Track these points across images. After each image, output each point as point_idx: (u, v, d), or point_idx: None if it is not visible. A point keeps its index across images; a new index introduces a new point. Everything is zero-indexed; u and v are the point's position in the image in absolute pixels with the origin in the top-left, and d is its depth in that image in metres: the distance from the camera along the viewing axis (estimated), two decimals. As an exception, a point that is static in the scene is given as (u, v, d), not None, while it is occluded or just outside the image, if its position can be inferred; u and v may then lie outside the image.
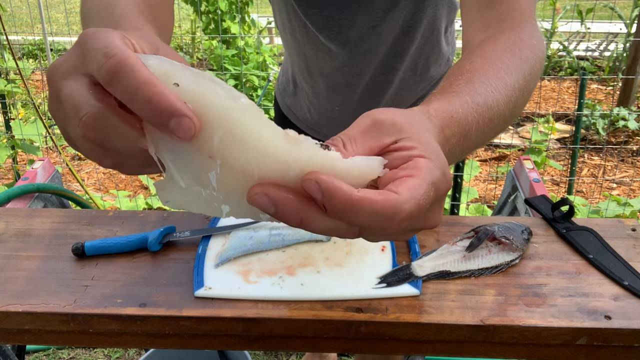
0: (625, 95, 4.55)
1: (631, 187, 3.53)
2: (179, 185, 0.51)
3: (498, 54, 0.70)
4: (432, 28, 1.18)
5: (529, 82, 0.71)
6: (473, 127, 0.61)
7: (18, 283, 1.01)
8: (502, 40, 0.73)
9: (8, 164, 3.54)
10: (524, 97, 0.71)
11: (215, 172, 0.49)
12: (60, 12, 8.50)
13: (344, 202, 0.45)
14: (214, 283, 0.99)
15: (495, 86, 0.65)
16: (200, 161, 0.49)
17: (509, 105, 0.66)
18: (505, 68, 0.68)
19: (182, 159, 0.50)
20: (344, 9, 1.11)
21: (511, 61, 0.70)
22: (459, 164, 2.69)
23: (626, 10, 5.84)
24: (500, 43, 0.73)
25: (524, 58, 0.71)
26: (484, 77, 0.65)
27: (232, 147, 0.49)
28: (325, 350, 0.96)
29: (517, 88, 0.68)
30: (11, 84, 3.81)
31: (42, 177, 1.58)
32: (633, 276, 1.00)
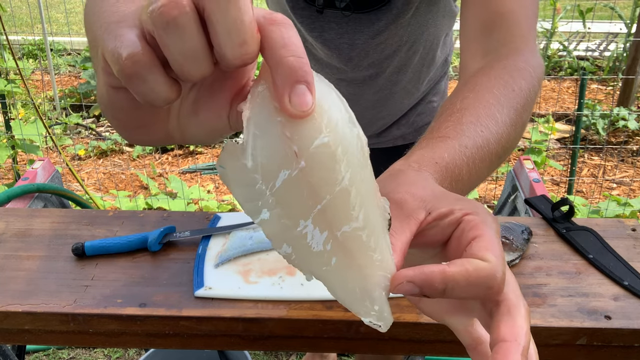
0: (625, 95, 4.55)
1: (631, 187, 3.53)
2: (243, 162, 0.43)
3: (490, 88, 0.69)
4: (432, 38, 1.16)
5: (521, 114, 0.70)
6: (463, 169, 0.60)
7: (18, 283, 1.01)
8: (497, 71, 0.72)
9: (8, 164, 3.55)
10: (516, 131, 0.69)
11: (290, 172, 0.41)
12: (60, 12, 8.50)
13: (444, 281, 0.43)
14: (214, 283, 0.99)
15: (485, 125, 0.64)
16: (282, 152, 0.41)
17: (500, 142, 0.65)
18: (496, 104, 0.67)
19: (266, 139, 0.42)
20: (343, 33, 1.09)
21: (503, 95, 0.68)
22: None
23: (626, 11, 5.84)
24: (494, 74, 0.72)
25: (517, 90, 0.70)
26: (473, 117, 0.64)
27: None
28: (325, 350, 0.96)
29: (508, 124, 0.67)
30: (11, 84, 3.81)
31: (42, 177, 1.58)
32: (633, 276, 1.00)
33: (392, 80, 1.17)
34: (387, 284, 0.47)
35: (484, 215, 0.47)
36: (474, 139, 0.62)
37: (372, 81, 1.15)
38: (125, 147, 4.19)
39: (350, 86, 1.17)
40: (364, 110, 1.22)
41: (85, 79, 4.88)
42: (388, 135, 1.26)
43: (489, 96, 0.67)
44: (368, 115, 1.22)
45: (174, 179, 3.36)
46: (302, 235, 0.44)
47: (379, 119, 1.23)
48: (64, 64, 6.02)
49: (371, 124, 1.24)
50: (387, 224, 0.47)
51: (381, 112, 1.23)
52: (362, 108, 1.22)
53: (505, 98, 0.68)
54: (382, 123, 1.25)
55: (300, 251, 0.46)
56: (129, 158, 4.08)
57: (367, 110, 1.21)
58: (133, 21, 0.39)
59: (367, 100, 1.19)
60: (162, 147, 4.14)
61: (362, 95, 1.18)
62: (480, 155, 0.62)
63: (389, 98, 1.20)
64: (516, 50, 0.75)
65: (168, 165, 4.01)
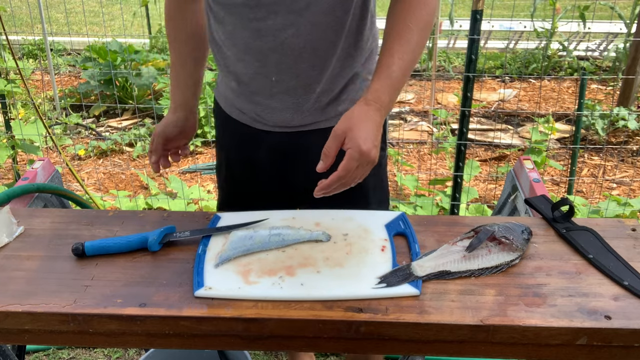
0: (625, 95, 4.55)
1: (631, 187, 3.53)
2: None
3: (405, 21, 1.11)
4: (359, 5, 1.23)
5: (424, 29, 1.13)
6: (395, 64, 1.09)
7: (18, 283, 1.01)
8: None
9: (8, 164, 3.54)
10: (421, 38, 1.13)
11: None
12: (60, 12, 8.50)
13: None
14: (214, 283, 0.99)
15: (407, 46, 1.11)
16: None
17: (415, 52, 1.12)
18: (408, 35, 1.10)
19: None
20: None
21: (413, 25, 1.11)
22: (458, 163, 2.69)
23: (626, 11, 5.84)
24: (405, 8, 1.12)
25: (422, 13, 1.12)
26: (396, 43, 1.10)
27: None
28: (325, 350, 0.96)
29: (417, 41, 1.12)
30: (11, 84, 3.81)
31: (42, 177, 1.58)
32: (633, 276, 1.00)
33: (328, 40, 1.21)
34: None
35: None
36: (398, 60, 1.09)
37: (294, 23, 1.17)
38: (125, 147, 4.19)
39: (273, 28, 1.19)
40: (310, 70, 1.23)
41: (85, 79, 4.89)
42: (332, 111, 1.29)
43: (404, 31, 1.11)
44: (312, 75, 1.24)
45: (174, 179, 3.36)
46: None
47: (317, 89, 1.26)
48: (64, 64, 6.02)
49: (313, 89, 1.25)
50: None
51: (320, 78, 1.24)
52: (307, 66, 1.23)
53: (415, 24, 1.11)
54: (323, 90, 1.26)
55: None
56: (129, 158, 4.08)
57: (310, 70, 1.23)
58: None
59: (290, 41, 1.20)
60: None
61: (284, 32, 1.19)
62: (402, 55, 1.09)
63: (326, 63, 1.22)
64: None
65: (168, 165, 4.01)
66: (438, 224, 1.18)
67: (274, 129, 1.31)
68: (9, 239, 1.13)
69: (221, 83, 1.39)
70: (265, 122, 1.30)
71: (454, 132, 4.29)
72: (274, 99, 1.26)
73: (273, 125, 1.30)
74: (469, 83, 2.57)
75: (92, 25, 8.10)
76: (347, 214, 1.20)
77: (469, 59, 2.56)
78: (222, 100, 1.39)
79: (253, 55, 1.22)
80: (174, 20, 1.40)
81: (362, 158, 1.02)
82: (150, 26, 6.52)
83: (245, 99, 1.30)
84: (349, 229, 1.14)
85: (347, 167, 1.02)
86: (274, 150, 1.34)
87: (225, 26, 1.24)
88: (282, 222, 1.16)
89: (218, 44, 1.29)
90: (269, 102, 1.27)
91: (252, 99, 1.29)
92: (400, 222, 1.16)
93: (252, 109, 1.30)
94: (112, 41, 5.11)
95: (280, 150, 1.33)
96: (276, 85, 1.24)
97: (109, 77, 4.71)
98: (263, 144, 1.34)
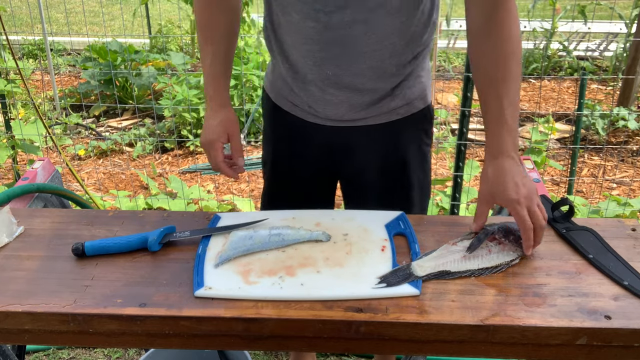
0: (625, 95, 4.54)
1: (631, 187, 3.53)
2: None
3: (502, 64, 1.12)
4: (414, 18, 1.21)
5: (520, 59, 1.14)
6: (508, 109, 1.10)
7: (18, 283, 1.01)
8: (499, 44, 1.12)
9: (8, 164, 3.54)
10: (520, 68, 1.14)
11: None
12: (60, 12, 8.50)
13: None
14: (214, 283, 0.99)
15: (511, 83, 1.11)
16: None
17: (518, 82, 1.13)
18: (508, 73, 1.11)
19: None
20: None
21: (510, 61, 1.12)
22: (458, 163, 2.70)
23: (626, 11, 5.84)
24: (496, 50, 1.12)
25: (516, 41, 1.12)
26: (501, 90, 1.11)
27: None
28: (325, 350, 0.96)
29: (519, 72, 1.13)
30: (11, 84, 3.80)
31: (42, 177, 1.57)
32: (633, 276, 1.00)
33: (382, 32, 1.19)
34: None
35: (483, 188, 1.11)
36: (508, 99, 1.10)
37: (361, 23, 1.17)
38: (125, 147, 4.19)
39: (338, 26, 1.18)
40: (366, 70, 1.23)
41: (85, 79, 4.88)
42: (384, 107, 1.28)
43: (502, 72, 1.11)
44: (360, 67, 1.23)
45: (174, 179, 3.36)
46: None
47: (373, 88, 1.26)
48: (64, 64, 6.02)
49: (367, 87, 1.25)
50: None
51: (369, 61, 1.22)
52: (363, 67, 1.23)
53: (512, 60, 1.11)
54: (377, 88, 1.26)
55: None
56: (129, 158, 4.08)
57: (365, 66, 1.23)
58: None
59: (360, 51, 1.20)
60: (162, 147, 4.14)
61: (350, 29, 1.18)
62: (509, 98, 1.11)
63: (381, 51, 1.21)
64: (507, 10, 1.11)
65: (168, 165, 4.01)
66: (438, 224, 1.18)
67: (325, 123, 1.30)
68: (9, 239, 1.13)
69: (272, 72, 1.36)
70: (317, 114, 1.30)
71: (454, 132, 4.29)
72: (326, 92, 1.25)
73: (325, 118, 1.30)
74: (469, 83, 2.57)
75: (92, 25, 8.10)
76: (347, 214, 1.20)
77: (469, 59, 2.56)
78: (272, 91, 1.37)
79: (314, 45, 1.20)
80: (212, 6, 1.28)
81: (521, 203, 1.05)
82: (150, 26, 6.52)
83: (299, 88, 1.28)
84: (349, 229, 1.14)
85: (521, 216, 1.05)
86: (323, 144, 1.33)
87: (289, 14, 1.20)
88: (282, 222, 1.16)
89: (275, 29, 1.27)
90: (322, 94, 1.26)
91: (306, 89, 1.27)
92: (400, 222, 1.16)
93: (305, 100, 1.29)
94: (112, 41, 5.11)
95: (329, 144, 1.33)
96: (331, 78, 1.23)
97: (109, 77, 4.71)
98: (312, 137, 1.33)
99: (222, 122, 1.27)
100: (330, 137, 1.31)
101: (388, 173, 1.35)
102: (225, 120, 1.27)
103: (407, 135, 1.33)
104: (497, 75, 1.12)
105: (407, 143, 1.34)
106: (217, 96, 1.29)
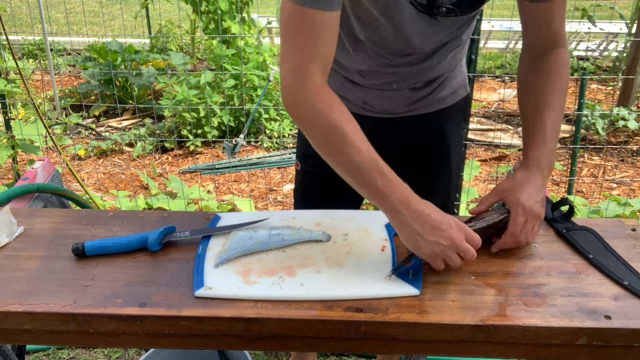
0: (625, 95, 4.54)
1: (631, 187, 3.53)
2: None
3: (550, 90, 1.17)
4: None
5: (566, 95, 1.19)
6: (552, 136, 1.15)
7: (18, 283, 1.01)
8: (552, 70, 1.18)
9: (8, 164, 3.54)
10: (564, 102, 1.18)
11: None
12: (60, 12, 8.50)
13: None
14: (214, 283, 0.99)
15: (555, 112, 1.15)
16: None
17: (560, 114, 1.17)
18: (554, 101, 1.16)
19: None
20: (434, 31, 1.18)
21: (557, 92, 1.17)
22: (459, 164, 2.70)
23: (626, 11, 5.83)
24: (551, 76, 1.18)
25: (564, 82, 1.18)
26: (545, 114, 1.15)
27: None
28: (325, 350, 0.96)
29: (563, 104, 1.18)
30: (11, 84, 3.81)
31: (42, 177, 1.57)
32: (633, 276, 1.00)
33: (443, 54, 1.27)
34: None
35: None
36: (551, 125, 1.15)
37: (429, 56, 1.25)
38: (125, 147, 4.19)
39: (411, 63, 1.26)
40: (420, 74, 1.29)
41: (85, 78, 4.89)
42: (434, 98, 1.35)
43: (549, 98, 1.16)
44: (424, 78, 1.31)
45: (174, 179, 3.36)
46: None
47: (429, 83, 1.33)
48: (64, 64, 6.02)
49: (423, 87, 1.33)
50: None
51: (433, 73, 1.31)
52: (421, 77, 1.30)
53: (558, 92, 1.17)
54: (430, 84, 1.34)
55: None
56: (129, 158, 4.08)
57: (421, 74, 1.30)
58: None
59: (425, 67, 1.28)
60: (162, 147, 4.14)
61: (422, 64, 1.27)
62: (552, 125, 1.15)
63: (441, 63, 1.29)
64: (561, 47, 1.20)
65: (168, 165, 4.01)
66: (438, 224, 1.17)
67: (378, 115, 1.35)
68: (9, 239, 1.13)
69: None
70: (371, 109, 1.34)
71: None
72: (385, 92, 1.31)
73: (379, 111, 1.34)
74: (469, 83, 2.57)
75: (92, 25, 8.10)
76: (347, 214, 1.20)
77: (469, 59, 2.56)
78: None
79: (385, 69, 1.26)
80: (336, 102, 1.05)
81: (525, 212, 1.06)
82: (150, 26, 6.52)
83: (358, 89, 1.33)
84: (349, 229, 1.14)
85: (515, 221, 1.06)
86: (371, 133, 1.31)
87: (358, 47, 1.24)
88: (282, 222, 1.16)
89: (342, 42, 1.25)
90: (380, 93, 1.31)
91: (363, 90, 1.32)
92: (400, 222, 1.16)
93: (362, 97, 1.33)
94: (112, 41, 5.11)
95: (377, 133, 1.28)
96: (395, 87, 1.30)
97: (109, 77, 4.71)
98: (362, 128, 1.31)
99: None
100: (380, 127, 1.35)
101: (433, 158, 1.42)
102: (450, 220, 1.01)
103: (450, 121, 1.41)
104: (545, 96, 1.16)
105: (450, 128, 1.41)
106: (412, 196, 1.01)
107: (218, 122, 4.16)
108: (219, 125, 4.17)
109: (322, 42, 1.03)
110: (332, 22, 1.03)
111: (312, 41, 1.02)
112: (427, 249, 0.97)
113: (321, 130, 1.03)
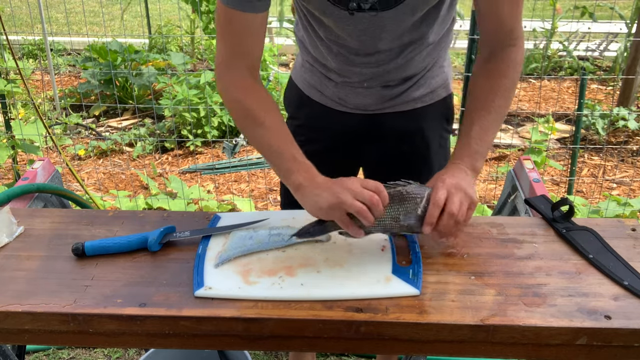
0: (625, 95, 4.54)
1: (631, 187, 3.53)
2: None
3: (495, 91, 1.17)
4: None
5: (509, 96, 1.18)
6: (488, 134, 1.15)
7: (18, 283, 1.01)
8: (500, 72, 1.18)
9: (8, 164, 3.54)
10: (506, 104, 1.18)
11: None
12: (60, 12, 8.50)
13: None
14: (214, 283, 0.99)
15: (490, 114, 1.16)
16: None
17: (500, 115, 1.18)
18: (491, 104, 1.16)
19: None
20: (371, 28, 1.18)
21: (498, 94, 1.16)
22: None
23: (626, 11, 5.84)
24: (497, 79, 1.18)
25: (510, 83, 1.18)
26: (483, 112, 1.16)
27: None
28: (325, 350, 0.96)
29: (503, 106, 1.17)
30: (11, 84, 3.80)
31: (42, 177, 1.57)
32: (633, 276, 1.00)
33: (411, 54, 1.28)
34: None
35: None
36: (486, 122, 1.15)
37: (395, 57, 1.26)
38: (125, 147, 4.19)
39: (377, 64, 1.27)
40: (386, 74, 1.30)
41: (85, 78, 4.88)
42: (408, 97, 1.35)
43: (490, 99, 1.17)
44: (395, 77, 1.31)
45: (174, 179, 3.36)
46: None
47: (402, 81, 1.34)
48: (64, 64, 6.02)
49: (397, 86, 1.34)
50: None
51: (404, 73, 1.31)
52: (388, 75, 1.30)
53: (501, 94, 1.17)
54: (405, 83, 1.34)
55: None
56: (129, 158, 4.08)
57: (390, 74, 1.31)
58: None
59: (391, 68, 1.29)
60: (162, 147, 4.14)
61: (387, 65, 1.28)
62: (487, 123, 1.15)
63: (410, 63, 1.30)
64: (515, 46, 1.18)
65: (168, 165, 4.01)
66: (438, 224, 1.17)
67: (353, 111, 1.37)
68: (9, 239, 1.13)
69: (302, 69, 1.41)
70: (346, 104, 1.36)
71: (454, 132, 4.29)
72: (358, 89, 1.33)
73: (353, 107, 1.36)
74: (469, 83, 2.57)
75: (92, 25, 8.10)
76: (347, 214, 1.20)
77: (469, 59, 2.56)
78: (300, 82, 1.42)
79: (351, 68, 1.28)
80: (254, 92, 1.17)
81: (446, 185, 1.04)
82: (150, 26, 6.52)
83: (333, 85, 1.35)
84: (349, 229, 1.14)
85: (438, 194, 1.02)
86: (349, 130, 1.39)
87: (328, 46, 1.27)
88: (282, 222, 1.16)
89: (312, 37, 1.29)
90: (353, 89, 1.33)
91: (338, 86, 1.35)
92: (400, 222, 1.16)
93: (336, 93, 1.35)
94: (112, 41, 5.11)
95: (354, 130, 1.39)
96: (365, 85, 1.32)
97: (109, 77, 4.71)
98: (339, 123, 1.38)
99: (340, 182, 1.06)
100: (357, 123, 1.37)
101: (410, 157, 1.41)
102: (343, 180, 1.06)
103: (429, 121, 1.40)
104: (482, 104, 1.16)
105: (429, 128, 1.41)
106: (297, 175, 1.08)
107: (218, 122, 4.16)
108: (219, 125, 4.17)
109: (244, 41, 1.15)
110: (254, 23, 1.13)
111: (235, 39, 1.15)
112: (326, 203, 1.01)
113: (237, 113, 1.18)
